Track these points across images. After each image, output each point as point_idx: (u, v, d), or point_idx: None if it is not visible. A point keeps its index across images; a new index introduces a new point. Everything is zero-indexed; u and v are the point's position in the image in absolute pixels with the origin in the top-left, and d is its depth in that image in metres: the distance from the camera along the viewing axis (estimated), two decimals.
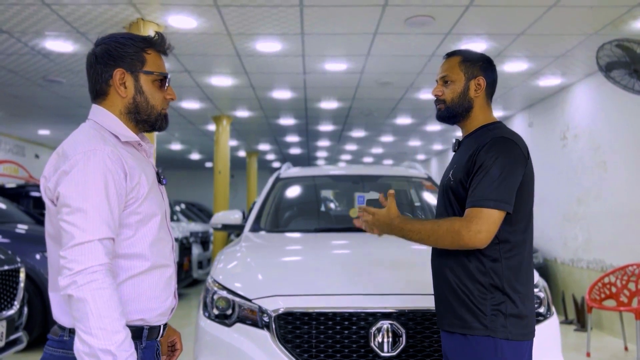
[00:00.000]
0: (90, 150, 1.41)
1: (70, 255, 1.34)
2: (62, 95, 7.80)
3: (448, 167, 2.01)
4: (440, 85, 1.98)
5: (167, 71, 1.62)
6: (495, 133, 1.87)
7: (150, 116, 1.58)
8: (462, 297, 1.84)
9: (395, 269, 2.80)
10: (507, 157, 1.79)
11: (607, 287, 5.41)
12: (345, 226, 3.93)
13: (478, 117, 1.95)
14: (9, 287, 3.92)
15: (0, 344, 3.72)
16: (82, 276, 1.32)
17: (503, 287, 1.82)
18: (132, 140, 1.55)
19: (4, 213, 6.39)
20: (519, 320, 1.82)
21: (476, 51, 2.03)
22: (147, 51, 1.56)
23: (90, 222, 1.35)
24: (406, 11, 4.61)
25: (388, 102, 8.29)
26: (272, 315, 2.48)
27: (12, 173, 12.03)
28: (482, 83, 1.94)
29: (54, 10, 4.60)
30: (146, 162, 1.59)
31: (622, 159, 5.92)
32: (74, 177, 1.37)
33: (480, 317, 1.80)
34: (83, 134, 1.48)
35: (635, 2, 4.40)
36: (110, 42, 1.54)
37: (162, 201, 1.60)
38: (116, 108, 1.55)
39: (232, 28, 5.01)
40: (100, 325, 1.31)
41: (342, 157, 16.07)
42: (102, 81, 1.54)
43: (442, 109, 1.98)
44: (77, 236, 1.34)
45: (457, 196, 1.88)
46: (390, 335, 2.42)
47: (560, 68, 6.29)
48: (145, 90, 1.56)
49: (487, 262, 1.82)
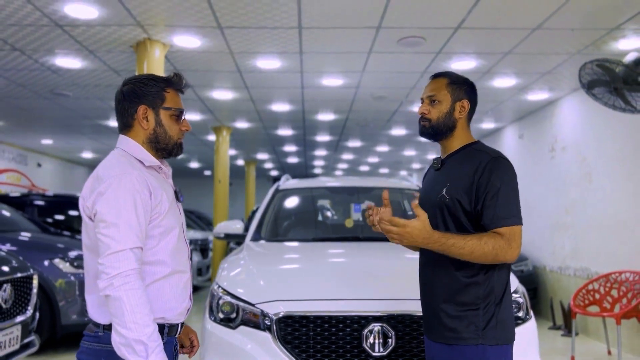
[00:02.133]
0: (122, 174, 1.67)
1: (107, 262, 1.60)
2: (68, 107, 8.04)
3: (432, 183, 2.10)
4: (427, 104, 2.08)
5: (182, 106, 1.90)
6: (489, 153, 2.00)
7: (168, 145, 1.83)
8: (453, 310, 1.94)
9: (385, 276, 3.04)
10: (510, 175, 1.96)
11: (591, 294, 5.66)
12: (341, 235, 4.19)
13: (460, 136, 2.08)
14: (23, 293, 4.15)
15: (15, 347, 3.94)
16: (117, 279, 1.58)
17: (495, 296, 1.93)
18: (154, 164, 1.81)
19: (10, 221, 6.60)
20: (504, 326, 1.95)
21: (460, 75, 2.14)
22: (167, 90, 1.82)
23: (122, 234, 1.62)
24: (399, 32, 4.89)
25: (383, 114, 8.56)
26: (273, 318, 2.72)
27: (15, 181, 12.26)
28: (467, 105, 2.06)
29: (65, 30, 4.86)
30: (166, 182, 1.85)
31: (606, 171, 6.19)
32: (109, 197, 1.64)
33: (472, 328, 1.91)
34: (114, 160, 1.75)
35: (613, 25, 4.69)
36: (135, 82, 1.81)
37: (179, 216, 1.86)
38: (139, 138, 1.81)
39: (234, 47, 5.27)
40: (134, 320, 1.56)
41: (338, 165, 16.34)
42: (128, 115, 1.80)
43: (427, 126, 2.07)
44: (112, 246, 1.60)
45: (452, 212, 1.96)
46: (381, 337, 2.66)
47: (547, 84, 6.57)
48: (165, 124, 1.81)
49: (480, 276, 1.93)
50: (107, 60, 5.75)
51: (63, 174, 14.92)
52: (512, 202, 1.93)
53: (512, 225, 1.89)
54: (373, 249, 3.68)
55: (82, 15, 4.50)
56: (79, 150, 13.16)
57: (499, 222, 1.89)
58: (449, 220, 1.99)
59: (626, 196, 5.82)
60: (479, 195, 1.92)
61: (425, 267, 2.10)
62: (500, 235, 1.87)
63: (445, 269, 1.98)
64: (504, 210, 1.90)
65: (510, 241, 1.87)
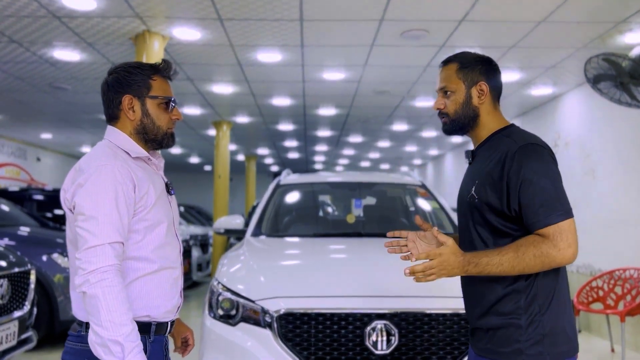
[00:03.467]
0: (102, 165, 1.59)
1: (84, 257, 1.51)
2: (67, 101, 7.98)
3: (466, 181, 1.85)
4: (441, 97, 1.82)
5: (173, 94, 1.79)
6: (515, 140, 1.69)
7: (157, 136, 1.74)
8: (493, 322, 1.70)
9: (388, 272, 2.97)
10: (545, 162, 1.65)
11: (594, 291, 5.61)
12: (342, 231, 4.13)
13: (487, 124, 1.79)
14: (21, 288, 4.09)
15: (12, 343, 3.88)
16: (94, 275, 1.49)
17: (539, 306, 1.67)
18: (142, 155, 1.72)
19: (9, 216, 6.55)
20: (554, 340, 1.67)
21: (474, 53, 1.84)
22: (153, 77, 1.72)
23: (101, 228, 1.53)
24: (401, 25, 4.81)
25: (385, 110, 8.49)
26: (273, 315, 2.66)
27: (14, 176, 12.20)
28: (485, 88, 1.76)
29: (63, 22, 4.78)
30: (155, 174, 1.76)
31: (610, 168, 6.13)
32: (88, 189, 1.56)
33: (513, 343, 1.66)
34: (99, 151, 1.67)
35: (620, 18, 4.61)
36: (119, 72, 1.72)
37: (169, 209, 1.76)
38: (127, 129, 1.72)
39: (235, 39, 5.20)
40: (110, 319, 1.48)
41: (339, 161, 16.28)
42: (113, 106, 1.72)
43: (447, 123, 1.82)
44: (90, 240, 1.52)
45: (483, 214, 1.72)
46: (384, 335, 2.60)
47: (551, 78, 6.50)
48: (152, 113, 1.72)
49: (521, 281, 1.68)
50: (105, 53, 5.67)
51: (62, 168, 14.86)
52: (552, 195, 1.62)
53: (555, 222, 1.60)
54: (375, 244, 3.62)
55: (80, 7, 4.43)
56: (78, 144, 13.09)
57: (539, 222, 1.61)
58: (482, 223, 1.73)
59: (630, 193, 5.75)
60: (511, 192, 1.64)
61: (464, 277, 1.84)
62: (541, 238, 1.61)
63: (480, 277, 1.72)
64: (543, 206, 1.61)
65: (557, 241, 1.59)
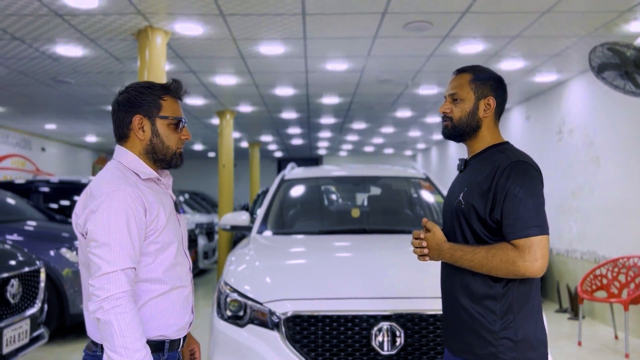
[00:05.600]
0: (113, 191, 1.61)
1: (97, 283, 1.54)
2: (70, 94, 7.98)
3: (455, 187, 1.98)
4: (449, 102, 1.93)
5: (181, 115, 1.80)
6: (509, 156, 1.83)
7: (166, 155, 1.75)
8: (470, 324, 1.83)
9: (394, 273, 3.02)
10: (531, 180, 1.77)
11: (598, 279, 5.65)
12: (348, 227, 4.16)
13: (485, 137, 1.92)
14: (31, 287, 4.16)
15: (25, 341, 3.96)
16: (107, 302, 1.53)
17: (514, 314, 1.79)
18: (152, 176, 1.74)
19: (16, 210, 6.60)
20: (526, 347, 1.79)
21: (488, 69, 1.96)
22: (164, 98, 1.74)
23: (114, 255, 1.55)
24: (404, 17, 4.78)
25: (388, 97, 8.46)
26: (281, 317, 2.71)
27: (20, 166, 12.26)
28: (492, 103, 1.89)
29: (65, 20, 4.78)
30: (165, 194, 1.78)
31: (614, 155, 6.12)
32: (100, 215, 1.58)
33: (487, 345, 1.79)
34: (108, 174, 1.68)
35: (625, 7, 4.57)
36: (130, 91, 1.74)
37: (178, 229, 1.78)
38: (136, 149, 1.74)
39: (237, 34, 5.18)
40: (124, 344, 1.51)
41: (343, 146, 16.26)
42: (123, 126, 1.73)
43: (449, 127, 1.93)
44: (103, 267, 1.54)
45: (468, 220, 1.85)
46: (390, 336, 2.65)
47: (555, 66, 6.46)
48: (161, 133, 1.73)
49: (498, 287, 1.80)
50: (108, 48, 5.67)
51: (67, 157, 14.91)
52: (532, 211, 1.74)
53: (529, 236, 1.71)
54: (380, 242, 3.66)
55: (81, 5, 4.42)
56: (83, 134, 13.12)
57: (515, 233, 1.74)
58: (465, 227, 1.87)
59: (635, 181, 5.75)
60: (496, 202, 1.77)
61: (445, 280, 1.99)
62: (512, 247, 1.73)
63: (461, 281, 1.87)
64: (522, 220, 1.73)
65: (525, 253, 1.71)
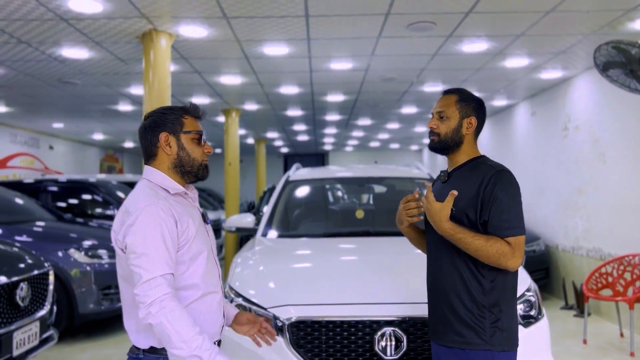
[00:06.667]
0: (147, 206, 1.76)
1: (141, 291, 1.68)
2: (76, 94, 8.04)
3: (439, 195, 2.15)
4: (436, 119, 2.18)
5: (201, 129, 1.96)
6: (493, 166, 2.10)
7: (193, 167, 1.90)
8: (462, 316, 2.05)
9: (397, 278, 3.04)
10: (513, 187, 2.05)
11: (603, 277, 5.65)
12: (351, 229, 4.19)
13: (466, 151, 2.18)
14: (41, 289, 4.22)
15: (35, 343, 4.02)
16: (154, 307, 1.66)
17: (500, 305, 2.04)
18: (180, 191, 1.89)
19: (24, 210, 6.66)
20: (510, 333, 2.07)
21: (470, 92, 2.24)
22: (184, 117, 1.91)
23: (153, 263, 1.70)
24: (408, 18, 4.78)
25: (393, 95, 8.46)
26: (285, 323, 2.75)
27: (28, 165, 12.37)
28: (474, 122, 2.16)
29: (71, 24, 4.81)
30: (192, 207, 1.93)
31: (620, 153, 6.09)
32: (137, 229, 1.73)
33: (481, 334, 2.02)
34: (140, 192, 1.84)
35: (630, 5, 4.55)
36: (154, 115, 1.92)
37: (207, 238, 1.93)
38: (164, 165, 1.89)
39: (241, 35, 5.20)
40: (181, 339, 1.65)
41: (349, 142, 16.27)
42: (151, 145, 1.89)
43: (436, 141, 2.18)
44: (144, 275, 1.69)
45: (458, 224, 2.04)
46: (393, 340, 2.68)
47: (560, 63, 6.43)
48: (186, 147, 1.89)
49: (487, 283, 2.04)
50: (113, 51, 5.70)
51: (75, 155, 15.01)
52: (516, 213, 2.02)
53: (517, 235, 2.00)
54: (384, 245, 3.68)
55: (86, 10, 4.46)
56: (90, 132, 13.21)
57: (505, 231, 1.99)
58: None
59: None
60: (484, 206, 2.02)
61: (433, 274, 2.19)
62: (506, 243, 1.98)
63: (451, 276, 2.08)
64: (509, 221, 2.00)
65: (515, 250, 1.98)
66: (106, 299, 5.76)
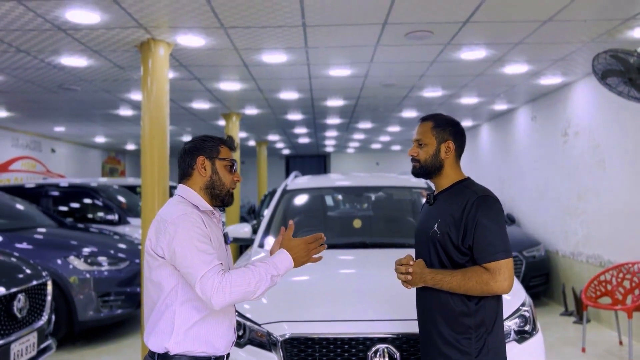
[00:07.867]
0: (184, 214, 1.99)
1: (200, 287, 1.87)
2: (77, 100, 8.06)
3: (427, 218, 2.27)
4: (416, 147, 2.27)
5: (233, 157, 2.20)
6: (475, 191, 2.16)
7: (221, 191, 2.12)
8: (446, 337, 2.11)
9: (390, 295, 3.03)
10: (497, 211, 2.12)
11: (602, 285, 5.63)
12: (348, 241, 4.18)
13: (449, 174, 2.25)
14: (38, 300, 4.24)
15: (32, 354, 4.04)
16: (219, 292, 1.85)
17: (486, 326, 2.11)
18: (207, 209, 2.10)
19: (25, 216, 6.68)
20: (496, 352, 2.13)
21: (447, 117, 2.29)
22: (221, 146, 2.14)
23: (202, 261, 1.90)
24: (405, 27, 4.78)
25: (393, 99, 8.45)
26: (279, 339, 2.75)
27: (30, 168, 12.41)
28: (452, 146, 2.23)
29: (69, 34, 4.82)
30: (217, 227, 2.12)
31: (620, 159, 6.08)
32: (181, 235, 1.94)
33: (465, 355, 2.08)
34: (174, 205, 2.05)
35: (627, 15, 4.53)
36: (195, 141, 2.15)
37: (226, 257, 2.13)
38: (197, 185, 2.11)
39: (239, 44, 5.21)
40: (255, 283, 1.90)
41: (350, 144, 16.26)
42: (188, 166, 2.12)
43: (417, 167, 2.28)
44: (198, 273, 1.89)
45: (443, 247, 2.14)
46: (387, 357, 2.69)
47: (560, 69, 6.42)
48: (219, 172, 2.12)
49: (472, 305, 2.10)
50: (112, 59, 5.72)
51: (77, 157, 15.05)
52: (499, 238, 2.08)
53: (498, 260, 2.05)
54: (380, 258, 3.67)
55: (84, 21, 4.47)
56: (92, 135, 13.24)
57: (486, 257, 2.06)
58: (442, 254, 2.15)
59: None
60: (467, 231, 2.08)
61: (421, 297, 2.25)
62: (484, 270, 2.06)
63: (438, 299, 2.14)
64: (491, 246, 2.06)
65: (495, 275, 2.04)
66: (105, 306, 5.78)
